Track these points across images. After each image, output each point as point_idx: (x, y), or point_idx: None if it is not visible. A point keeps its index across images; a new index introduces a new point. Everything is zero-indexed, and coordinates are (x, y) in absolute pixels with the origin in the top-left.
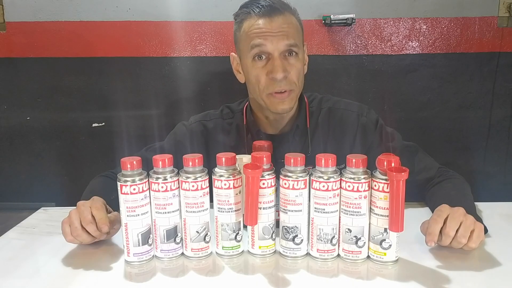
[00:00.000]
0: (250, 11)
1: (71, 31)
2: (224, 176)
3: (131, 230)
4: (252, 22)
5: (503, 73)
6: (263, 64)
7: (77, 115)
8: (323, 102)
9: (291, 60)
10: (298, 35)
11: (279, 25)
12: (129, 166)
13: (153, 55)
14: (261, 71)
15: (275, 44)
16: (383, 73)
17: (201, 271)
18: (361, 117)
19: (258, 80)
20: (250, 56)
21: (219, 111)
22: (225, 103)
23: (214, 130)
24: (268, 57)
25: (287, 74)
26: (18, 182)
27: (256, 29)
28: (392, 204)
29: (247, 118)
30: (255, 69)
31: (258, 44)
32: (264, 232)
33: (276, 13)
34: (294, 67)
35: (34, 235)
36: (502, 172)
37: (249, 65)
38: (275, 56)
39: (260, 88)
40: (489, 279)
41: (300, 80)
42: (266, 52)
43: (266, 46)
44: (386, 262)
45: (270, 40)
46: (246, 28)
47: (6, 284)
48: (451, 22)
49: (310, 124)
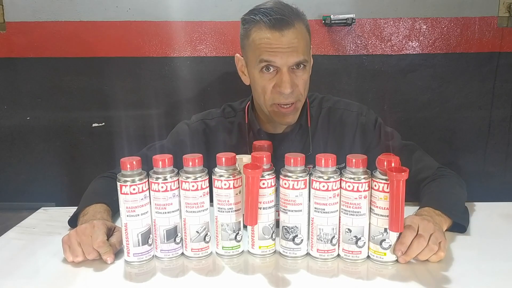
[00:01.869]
0: (259, 20)
1: (71, 31)
2: (224, 176)
3: (131, 230)
4: (261, 34)
5: (503, 73)
6: (271, 76)
7: (77, 115)
8: (324, 102)
9: (299, 73)
10: (307, 47)
11: (289, 40)
12: (128, 166)
13: (153, 55)
14: (268, 83)
15: (284, 59)
16: (383, 73)
17: (201, 271)
18: (361, 116)
19: (264, 91)
20: (257, 67)
21: (221, 110)
22: (225, 103)
23: (216, 129)
24: (276, 70)
25: (294, 88)
26: (18, 182)
27: (266, 44)
28: (392, 204)
29: (249, 117)
30: (262, 80)
31: (267, 60)
32: (264, 232)
33: (287, 27)
34: (301, 79)
35: (34, 235)
36: (502, 172)
37: (256, 75)
38: (284, 71)
39: (266, 98)
40: (489, 279)
41: (306, 90)
42: (274, 65)
43: (275, 62)
44: (386, 262)
45: (280, 56)
46: (255, 38)
47: (6, 284)
48: (451, 22)
49: (311, 124)
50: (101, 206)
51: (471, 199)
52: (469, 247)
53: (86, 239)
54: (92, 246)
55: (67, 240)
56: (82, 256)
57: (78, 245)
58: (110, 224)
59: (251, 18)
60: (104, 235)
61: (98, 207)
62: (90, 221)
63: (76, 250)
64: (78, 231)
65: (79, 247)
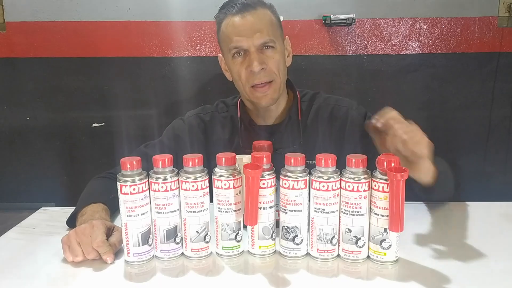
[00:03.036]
0: (226, 11)
1: (71, 31)
2: (224, 176)
3: (131, 230)
4: (228, 21)
5: (503, 73)
6: (242, 59)
7: (77, 115)
8: (315, 97)
9: (268, 53)
10: (273, 29)
11: (252, 22)
12: (128, 166)
13: (153, 55)
14: (241, 67)
15: (250, 41)
16: (383, 73)
17: (201, 271)
18: (351, 110)
19: (239, 75)
20: (230, 55)
21: (215, 106)
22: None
23: (210, 123)
24: (246, 54)
25: (264, 66)
26: (18, 182)
27: (232, 28)
28: (392, 204)
29: (240, 111)
30: (235, 65)
31: (236, 46)
32: (264, 232)
33: (248, 9)
34: (271, 59)
35: (34, 235)
36: (502, 172)
37: (230, 62)
38: (251, 51)
39: (242, 82)
40: (489, 279)
41: (281, 71)
42: (242, 48)
43: (241, 43)
44: (386, 262)
45: (245, 38)
46: (224, 28)
47: (6, 284)
48: (451, 22)
49: (302, 117)
50: (98, 206)
51: (471, 199)
52: (469, 247)
53: (85, 239)
54: (92, 246)
55: (67, 240)
56: (82, 256)
57: (78, 245)
58: (109, 224)
59: (220, 12)
60: (103, 235)
61: (96, 207)
62: (89, 221)
63: (76, 250)
64: (78, 231)
65: (79, 247)
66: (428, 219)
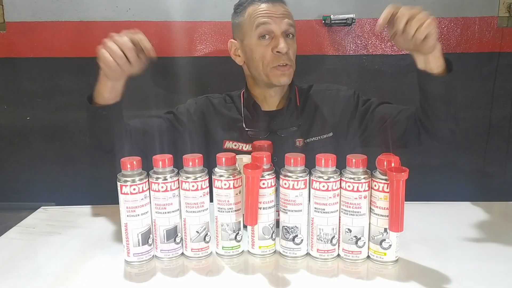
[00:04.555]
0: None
1: (71, 31)
2: (224, 176)
3: (131, 230)
4: (256, 7)
5: (503, 73)
6: (267, 42)
7: (77, 115)
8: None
9: (289, 41)
10: (293, 21)
11: (281, 9)
12: (129, 166)
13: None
14: (266, 48)
15: (278, 23)
16: (383, 73)
17: (201, 271)
18: (340, 91)
19: (263, 57)
20: (255, 36)
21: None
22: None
23: (218, 106)
24: (271, 36)
25: (288, 49)
26: (18, 182)
27: (261, 12)
28: (392, 204)
29: (245, 97)
30: (260, 47)
31: (263, 23)
32: (264, 232)
33: (278, 1)
34: (292, 46)
35: (34, 235)
36: (502, 172)
37: (254, 43)
38: (279, 34)
39: (264, 63)
40: (489, 279)
41: (295, 59)
42: (270, 31)
43: (270, 25)
44: (386, 262)
45: (274, 20)
46: (251, 11)
47: (6, 284)
48: (451, 22)
49: (300, 103)
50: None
51: (471, 199)
52: (469, 247)
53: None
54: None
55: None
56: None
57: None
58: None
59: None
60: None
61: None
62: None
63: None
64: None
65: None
66: (428, 219)
